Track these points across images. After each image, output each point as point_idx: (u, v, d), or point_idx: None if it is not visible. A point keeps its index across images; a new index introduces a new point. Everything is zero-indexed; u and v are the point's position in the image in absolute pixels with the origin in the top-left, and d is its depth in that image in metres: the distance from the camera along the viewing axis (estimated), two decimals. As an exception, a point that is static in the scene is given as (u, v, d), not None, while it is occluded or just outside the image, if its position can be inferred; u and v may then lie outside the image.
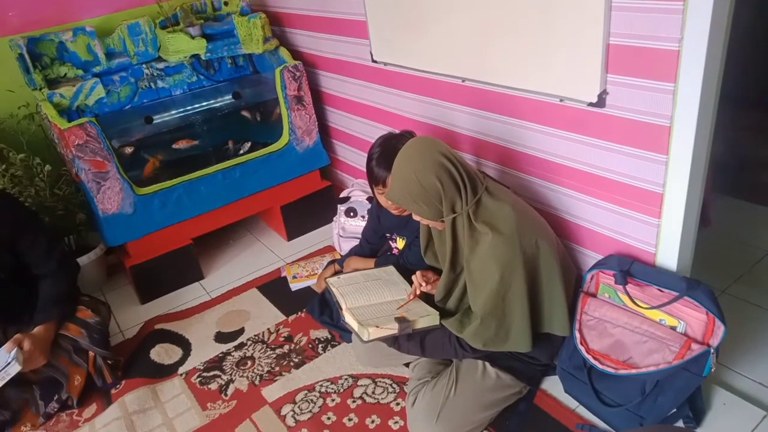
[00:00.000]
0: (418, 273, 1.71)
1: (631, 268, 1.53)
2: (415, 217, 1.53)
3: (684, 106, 1.31)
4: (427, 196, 1.43)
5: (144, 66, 2.54)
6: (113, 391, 1.97)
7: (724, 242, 2.28)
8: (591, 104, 1.49)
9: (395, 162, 1.48)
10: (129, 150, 2.41)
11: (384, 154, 1.67)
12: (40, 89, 2.31)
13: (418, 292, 1.69)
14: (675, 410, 1.50)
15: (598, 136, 1.52)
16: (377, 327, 1.56)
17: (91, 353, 1.94)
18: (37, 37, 2.33)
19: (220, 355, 2.09)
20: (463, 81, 1.87)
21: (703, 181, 1.46)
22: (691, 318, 1.45)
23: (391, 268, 1.90)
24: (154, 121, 2.47)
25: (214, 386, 1.95)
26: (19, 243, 1.87)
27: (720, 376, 1.69)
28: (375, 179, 1.72)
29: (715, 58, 1.28)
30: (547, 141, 1.68)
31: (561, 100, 1.57)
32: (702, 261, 1.74)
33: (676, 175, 1.40)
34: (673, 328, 1.48)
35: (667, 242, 1.50)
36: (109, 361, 1.99)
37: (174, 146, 2.51)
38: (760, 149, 2.83)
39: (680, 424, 1.54)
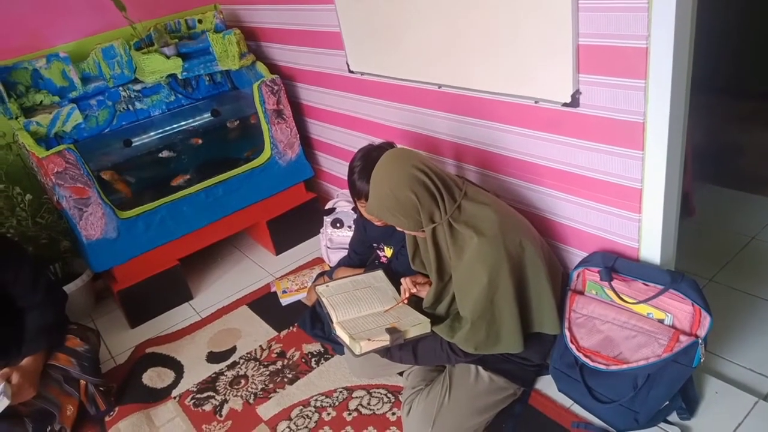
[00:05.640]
0: (407, 277, 1.72)
1: (615, 264, 1.54)
2: (398, 228, 1.54)
3: (656, 102, 1.32)
4: (405, 209, 1.44)
5: (121, 88, 2.53)
6: (107, 419, 1.95)
7: (709, 230, 2.31)
8: (565, 104, 1.50)
9: (372, 178, 1.49)
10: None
11: (365, 167, 1.67)
12: (16, 118, 2.28)
13: (407, 295, 1.69)
14: (668, 402, 1.50)
15: (574, 135, 1.53)
16: (369, 340, 1.55)
17: (82, 382, 1.92)
18: (10, 66, 2.31)
19: (213, 375, 2.08)
20: (440, 87, 1.88)
21: (680, 174, 1.47)
22: (677, 310, 1.46)
23: (380, 273, 1.90)
24: (134, 144, 2.46)
25: (208, 407, 1.94)
26: (3, 275, 1.85)
27: (710, 364, 1.71)
28: (357, 193, 1.72)
29: (683, 53, 1.30)
30: (525, 142, 1.69)
31: (536, 102, 1.58)
32: (688, 250, 1.77)
33: (653, 170, 1.41)
34: (661, 321, 1.49)
35: (649, 236, 1.51)
36: (102, 388, 1.98)
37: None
38: (739, 136, 2.87)
39: (674, 416, 1.55)
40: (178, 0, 2.84)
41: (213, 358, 2.18)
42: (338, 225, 2.49)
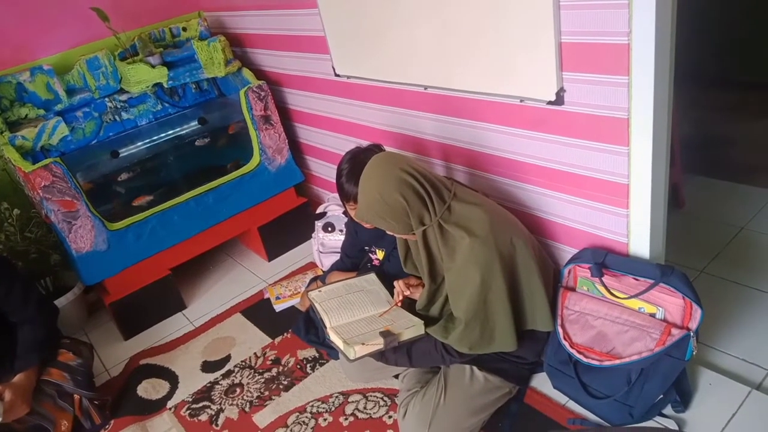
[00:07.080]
0: (400, 280, 1.71)
1: (605, 259, 1.55)
2: (389, 232, 1.54)
3: (639, 97, 1.33)
4: (394, 213, 1.44)
5: (107, 99, 2.51)
6: (102, 433, 1.94)
7: (699, 222, 2.32)
8: (550, 102, 1.50)
9: (360, 183, 1.49)
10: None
11: (353, 170, 1.67)
12: (1, 133, 2.26)
13: (401, 298, 1.69)
14: (662, 396, 1.51)
15: (560, 132, 1.54)
16: (363, 344, 1.55)
17: (76, 396, 1.91)
18: (-6, 80, 2.30)
19: (208, 384, 2.07)
20: (426, 89, 1.88)
21: (666, 168, 1.48)
22: (668, 304, 1.47)
23: (372, 276, 1.90)
24: (121, 155, 2.44)
25: (204, 417, 1.93)
26: (-5, 291, 1.84)
27: (703, 356, 1.71)
28: (346, 196, 1.72)
29: (665, 48, 1.31)
30: (512, 141, 1.69)
31: (521, 101, 1.58)
32: (679, 242, 1.77)
33: (639, 165, 1.42)
34: (653, 315, 1.49)
35: (637, 231, 1.52)
36: (96, 402, 1.96)
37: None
38: (726, 127, 2.89)
39: (668, 408, 1.55)
40: (161, 8, 2.83)
41: (207, 367, 2.17)
42: (330, 229, 2.49)
